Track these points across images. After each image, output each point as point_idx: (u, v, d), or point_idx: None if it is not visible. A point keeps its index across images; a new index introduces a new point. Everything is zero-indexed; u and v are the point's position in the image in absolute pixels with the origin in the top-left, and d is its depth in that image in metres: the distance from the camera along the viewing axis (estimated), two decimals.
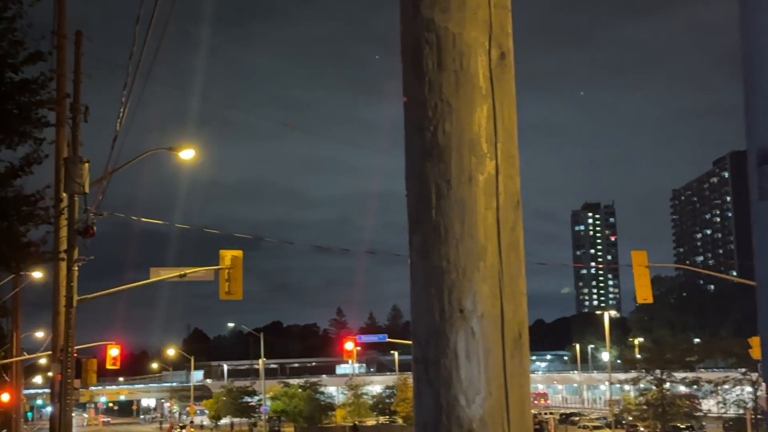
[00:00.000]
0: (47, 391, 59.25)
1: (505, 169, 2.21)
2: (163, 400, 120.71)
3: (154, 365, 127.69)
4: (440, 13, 2.21)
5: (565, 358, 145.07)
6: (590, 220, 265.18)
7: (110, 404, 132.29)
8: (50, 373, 24.74)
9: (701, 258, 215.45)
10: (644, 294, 30.13)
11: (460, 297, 2.12)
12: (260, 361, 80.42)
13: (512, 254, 2.20)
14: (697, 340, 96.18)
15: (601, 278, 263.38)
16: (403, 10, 2.30)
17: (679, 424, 61.27)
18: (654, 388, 62.54)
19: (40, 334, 46.66)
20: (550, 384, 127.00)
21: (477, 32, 2.21)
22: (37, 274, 29.97)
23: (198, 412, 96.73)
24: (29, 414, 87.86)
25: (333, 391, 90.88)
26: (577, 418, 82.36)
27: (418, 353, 2.17)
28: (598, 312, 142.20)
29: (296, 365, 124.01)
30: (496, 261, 2.17)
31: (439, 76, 2.20)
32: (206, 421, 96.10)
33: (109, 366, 38.96)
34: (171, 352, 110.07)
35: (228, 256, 23.52)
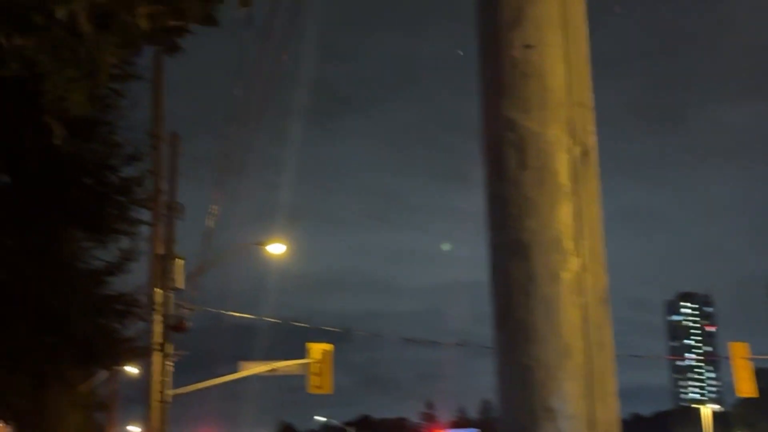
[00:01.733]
0: None
1: (591, 266, 2.20)
2: None
3: None
4: (521, 112, 2.24)
5: None
6: (686, 310, 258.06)
7: None
8: None
9: None
10: (746, 388, 28.96)
11: (547, 396, 2.10)
12: None
13: (601, 352, 2.17)
14: None
15: (698, 370, 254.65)
16: (483, 109, 2.34)
17: None
18: None
19: (133, 429, 47.14)
20: None
21: (558, 131, 2.23)
22: (132, 369, 30.48)
23: None
24: None
25: None
26: None
27: None
28: (696, 405, 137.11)
29: None
30: (583, 360, 2.14)
31: (522, 174, 2.22)
32: None
33: None
34: None
35: (318, 349, 23.55)
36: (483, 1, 2.35)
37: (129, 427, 47.95)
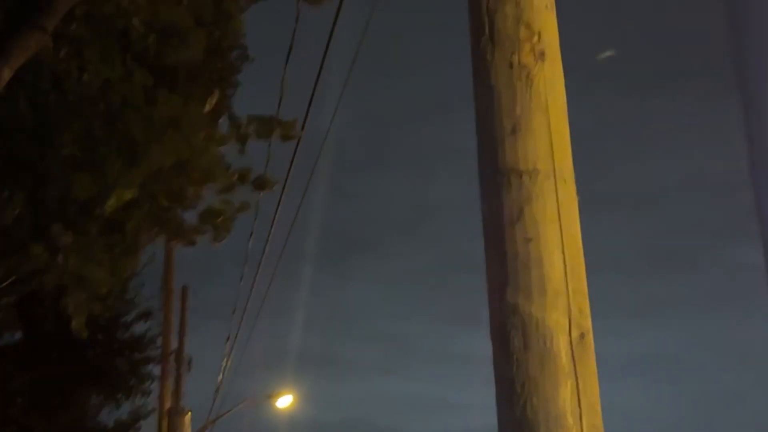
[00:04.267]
0: None
1: None
2: None
3: None
4: (524, 299, 2.51)
5: None
6: None
7: None
8: None
9: None
10: None
11: None
12: None
13: None
14: None
15: None
16: (490, 296, 2.60)
17: None
18: None
19: None
20: None
21: (558, 316, 2.49)
22: None
23: None
24: None
25: None
26: None
27: None
28: None
29: None
30: None
31: (526, 355, 2.46)
32: None
33: None
34: None
35: None
36: (487, 201, 2.65)
37: None
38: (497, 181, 2.61)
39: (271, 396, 23.97)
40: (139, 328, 15.05)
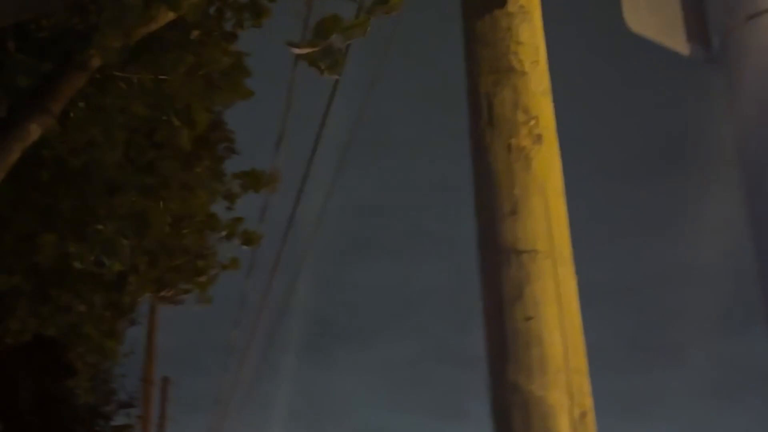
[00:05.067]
0: None
1: None
2: None
3: None
4: (525, 377, 2.52)
5: None
6: None
7: None
8: None
9: None
10: None
11: None
12: None
13: None
14: None
15: None
16: (490, 373, 2.61)
17: None
18: None
19: None
20: None
21: (559, 394, 2.50)
22: None
23: None
24: None
25: None
26: None
27: None
28: None
29: None
30: None
31: None
32: None
33: None
34: None
35: None
36: (486, 279, 2.68)
37: None
38: (497, 260, 2.65)
39: None
40: (119, 419, 14.80)
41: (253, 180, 8.65)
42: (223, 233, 8.53)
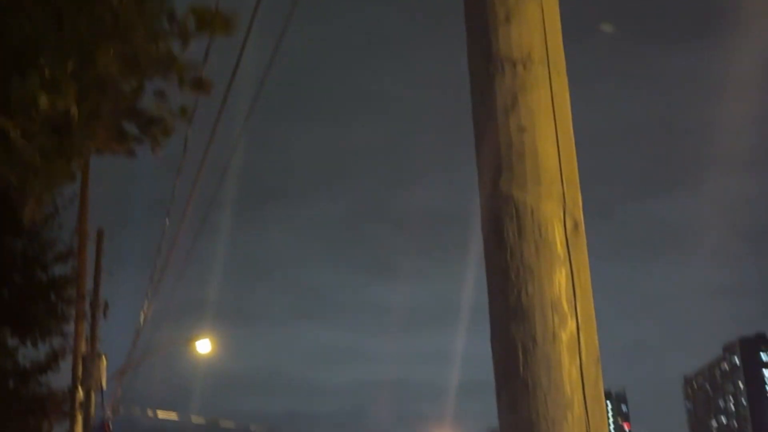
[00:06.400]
0: None
1: (585, 327, 2.41)
2: None
3: None
4: (519, 188, 2.47)
5: None
6: None
7: None
8: None
9: None
10: None
11: None
12: None
13: (596, 406, 2.36)
14: None
15: None
16: (482, 186, 2.56)
17: None
18: None
19: None
20: None
21: (553, 205, 2.46)
22: None
23: None
24: None
25: None
26: None
27: None
28: None
29: None
30: (583, 412, 2.33)
31: (520, 244, 2.44)
32: None
33: None
34: None
35: None
36: (478, 89, 2.60)
37: None
38: (489, 70, 2.56)
39: (189, 340, 23.79)
40: (57, 269, 14.67)
41: (212, 18, 8.23)
42: (175, 79, 8.22)
